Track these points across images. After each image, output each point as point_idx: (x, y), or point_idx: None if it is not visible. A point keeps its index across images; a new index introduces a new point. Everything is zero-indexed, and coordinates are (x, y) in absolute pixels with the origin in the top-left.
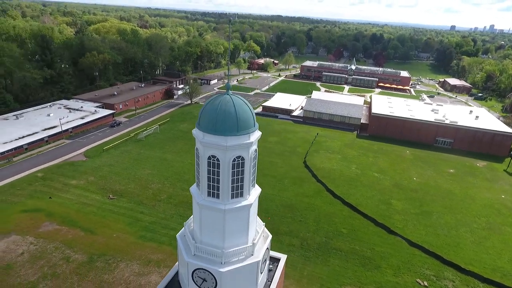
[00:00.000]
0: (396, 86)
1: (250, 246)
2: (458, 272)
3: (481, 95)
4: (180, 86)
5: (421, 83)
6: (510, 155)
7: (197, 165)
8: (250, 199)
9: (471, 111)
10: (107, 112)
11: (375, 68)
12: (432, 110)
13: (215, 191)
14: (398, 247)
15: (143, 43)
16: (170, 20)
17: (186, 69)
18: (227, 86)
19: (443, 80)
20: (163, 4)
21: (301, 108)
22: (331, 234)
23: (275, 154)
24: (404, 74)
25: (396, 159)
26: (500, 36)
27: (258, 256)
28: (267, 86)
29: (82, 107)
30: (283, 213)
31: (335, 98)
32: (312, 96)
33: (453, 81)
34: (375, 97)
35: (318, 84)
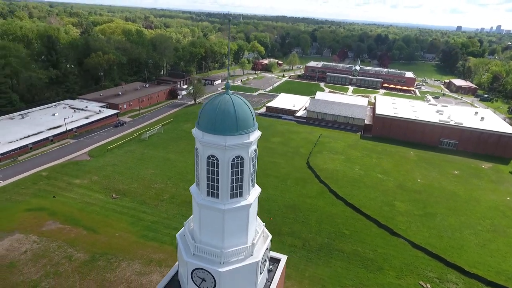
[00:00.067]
0: (401, 87)
1: (249, 246)
2: (461, 275)
3: (487, 96)
4: (184, 87)
5: (426, 84)
6: None
7: (196, 164)
8: (249, 199)
9: (477, 112)
10: (112, 112)
11: (379, 69)
12: (437, 111)
13: (215, 191)
14: (401, 249)
15: (148, 43)
16: (175, 21)
17: (190, 69)
18: (226, 86)
19: (448, 81)
20: (169, 5)
21: (304, 109)
22: (334, 235)
23: (278, 154)
24: (409, 75)
25: (400, 160)
26: (507, 37)
27: (257, 257)
28: (271, 87)
29: (86, 107)
30: (286, 213)
31: (339, 99)
32: (315, 96)
33: (458, 82)
34: (379, 98)
35: (322, 84)
